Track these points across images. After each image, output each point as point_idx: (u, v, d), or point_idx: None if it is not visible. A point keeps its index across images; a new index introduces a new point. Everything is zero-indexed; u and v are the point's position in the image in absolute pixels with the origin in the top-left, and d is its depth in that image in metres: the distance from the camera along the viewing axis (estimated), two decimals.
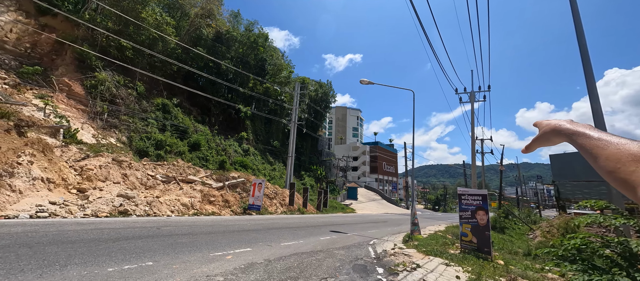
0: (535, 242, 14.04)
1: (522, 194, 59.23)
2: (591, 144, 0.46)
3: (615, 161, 0.41)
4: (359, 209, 34.43)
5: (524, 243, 14.01)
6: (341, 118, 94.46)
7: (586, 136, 0.48)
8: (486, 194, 9.25)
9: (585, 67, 7.17)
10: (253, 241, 7.08)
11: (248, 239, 7.26)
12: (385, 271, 5.36)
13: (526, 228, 21.41)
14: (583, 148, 0.47)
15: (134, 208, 10.28)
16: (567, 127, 0.52)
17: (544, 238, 14.11)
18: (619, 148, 0.42)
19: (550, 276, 6.85)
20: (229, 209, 14.84)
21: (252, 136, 33.43)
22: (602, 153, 0.43)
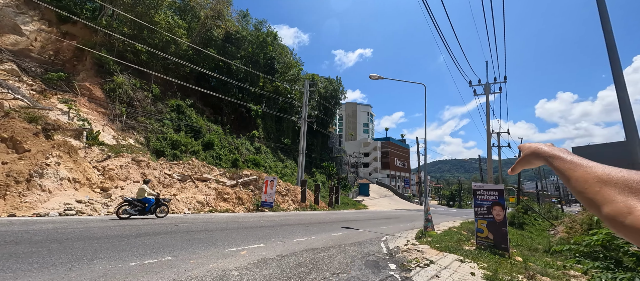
0: (556, 238, 13.49)
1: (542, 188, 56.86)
2: (564, 167, 0.51)
3: (583, 182, 0.45)
4: (371, 205, 34.27)
5: (545, 239, 13.50)
6: (351, 114, 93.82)
7: (560, 159, 0.53)
8: (502, 189, 8.96)
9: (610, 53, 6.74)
10: (266, 237, 7.23)
11: (261, 235, 7.42)
12: (397, 267, 5.34)
13: (547, 224, 20.60)
14: (558, 169, 0.53)
15: None
16: (545, 150, 0.57)
17: (567, 234, 13.52)
18: (586, 171, 0.47)
19: (572, 273, 6.58)
20: (242, 206, 15.18)
21: (263, 134, 33.87)
22: (573, 175, 0.48)
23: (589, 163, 0.48)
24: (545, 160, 0.57)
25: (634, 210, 0.36)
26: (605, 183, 0.42)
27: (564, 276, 6.01)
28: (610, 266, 3.17)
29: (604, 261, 3.26)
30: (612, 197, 0.40)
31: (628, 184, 0.40)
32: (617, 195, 0.39)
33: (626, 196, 0.38)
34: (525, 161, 0.64)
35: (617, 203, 0.39)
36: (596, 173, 0.45)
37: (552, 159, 0.54)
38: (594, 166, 0.47)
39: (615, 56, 6.77)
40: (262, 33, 35.16)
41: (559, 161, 0.52)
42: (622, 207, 0.38)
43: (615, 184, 0.41)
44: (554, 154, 0.55)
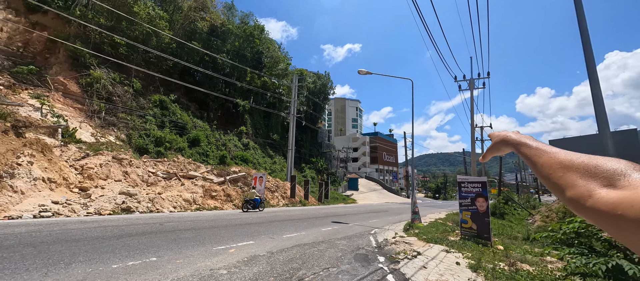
0: (534, 227, 14.21)
1: (522, 180, 59.66)
2: (530, 153, 0.53)
3: (548, 168, 0.48)
4: (360, 199, 34.75)
5: (524, 228, 14.18)
6: (340, 109, 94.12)
7: (527, 146, 0.55)
8: (485, 181, 9.30)
9: (585, 50, 7.07)
10: (255, 234, 7.16)
11: (250, 232, 7.34)
12: (386, 260, 5.44)
13: (525, 214, 21.64)
14: (525, 156, 0.55)
15: (137, 205, 10.35)
16: (513, 138, 0.60)
17: (543, 222, 14.26)
18: (550, 157, 0.49)
19: (549, 259, 6.96)
20: (231, 203, 14.96)
21: (252, 130, 33.38)
22: (538, 161, 0.50)
23: (553, 149, 0.50)
24: (513, 147, 0.59)
25: (593, 194, 0.38)
26: (568, 168, 0.44)
27: (541, 263, 6.34)
28: (584, 252, 3.36)
29: (578, 248, 3.45)
30: (574, 181, 0.42)
31: (588, 168, 0.41)
32: (579, 179, 0.41)
33: (586, 180, 0.40)
34: (494, 148, 0.65)
35: (579, 187, 0.40)
36: (559, 158, 0.47)
37: (519, 146, 0.56)
38: (557, 152, 0.48)
39: (590, 53, 7.11)
40: (249, 26, 34.35)
41: (526, 147, 0.54)
42: (583, 191, 0.39)
43: (576, 169, 0.43)
44: (521, 142, 0.57)
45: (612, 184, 0.37)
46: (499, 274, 4.64)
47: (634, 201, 0.32)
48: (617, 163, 0.40)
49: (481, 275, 4.74)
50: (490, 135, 0.68)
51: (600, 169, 0.40)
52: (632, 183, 0.35)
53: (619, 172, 0.38)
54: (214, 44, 30.71)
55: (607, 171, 0.39)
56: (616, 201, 0.34)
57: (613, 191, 0.36)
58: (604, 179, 0.38)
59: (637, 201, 0.31)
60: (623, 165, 0.39)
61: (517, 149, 0.58)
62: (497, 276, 4.56)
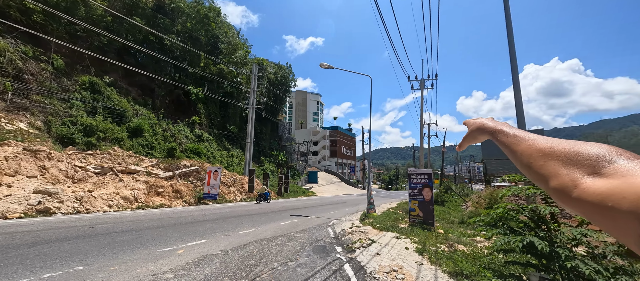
0: (467, 211, 16.36)
1: (459, 171, 68.22)
2: (508, 141, 0.51)
3: (528, 157, 0.45)
4: (320, 192, 35.45)
5: (459, 213, 16.20)
6: (301, 103, 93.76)
7: (504, 134, 0.53)
8: (431, 173, 10.31)
9: (511, 61, 8.27)
10: (208, 232, 6.70)
11: (203, 230, 6.83)
12: (343, 250, 5.63)
13: (461, 200, 24.78)
14: (502, 144, 0.53)
15: (59, 205, 8.76)
16: (489, 126, 0.58)
17: (475, 207, 16.51)
18: (529, 144, 0.46)
19: (479, 239, 8.10)
20: (180, 200, 13.74)
21: (206, 120, 31.00)
22: (517, 149, 0.48)
23: (530, 136, 0.48)
24: (489, 135, 0.58)
25: (579, 183, 0.35)
26: (548, 156, 0.41)
27: (473, 243, 7.33)
28: (506, 232, 3.94)
29: (501, 229, 4.04)
30: (556, 170, 0.39)
31: (569, 156, 0.39)
32: (561, 168, 0.39)
33: (569, 169, 0.38)
34: (470, 136, 0.64)
35: (562, 177, 0.38)
36: (538, 145, 0.44)
37: (496, 133, 0.55)
38: (536, 138, 0.46)
39: (515, 64, 8.31)
40: (203, 7, 31.46)
41: (503, 135, 0.53)
42: (567, 180, 0.37)
43: (557, 157, 0.40)
44: (497, 129, 0.55)
45: (597, 172, 0.34)
46: (440, 255, 5.21)
47: (626, 191, 0.29)
48: (599, 148, 0.37)
49: (426, 257, 5.25)
50: (465, 123, 0.67)
51: (583, 155, 0.37)
52: (620, 170, 0.33)
53: (602, 158, 0.35)
54: (161, 22, 27.39)
55: (590, 157, 0.36)
56: (605, 192, 0.31)
57: (599, 180, 0.33)
58: (588, 167, 0.36)
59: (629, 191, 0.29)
60: (605, 150, 0.36)
61: (493, 136, 0.56)
62: (439, 257, 5.12)
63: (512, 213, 4.25)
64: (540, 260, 3.80)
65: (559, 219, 3.87)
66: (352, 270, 4.36)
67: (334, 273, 4.19)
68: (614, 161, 0.34)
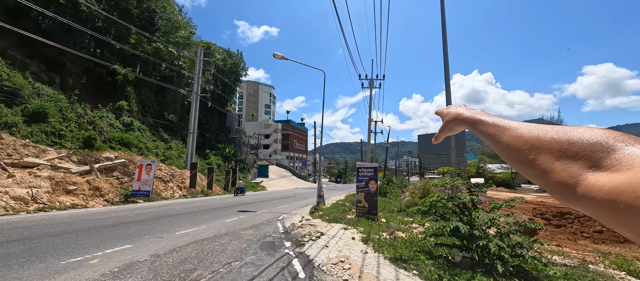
0: (405, 201, 18.18)
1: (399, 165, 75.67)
2: (488, 132, 0.47)
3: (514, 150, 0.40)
4: (270, 186, 34.70)
5: (398, 202, 17.90)
6: (253, 94, 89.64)
7: (483, 123, 0.49)
8: (377, 166, 11.04)
9: (445, 69, 9.37)
10: (136, 235, 5.77)
11: (128, 233, 5.86)
12: (292, 244, 5.55)
13: (400, 191, 27.44)
14: (483, 134, 0.48)
15: None
16: (466, 115, 0.54)
17: (411, 197, 18.45)
18: (512, 135, 0.42)
19: (415, 226, 9.06)
20: (100, 198, 11.62)
21: (138, 106, 26.85)
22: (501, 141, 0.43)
23: (511, 124, 0.44)
24: (468, 125, 0.53)
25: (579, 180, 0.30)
26: (537, 149, 0.37)
27: (410, 229, 8.14)
28: (437, 219, 4.43)
29: (433, 216, 4.52)
30: (550, 166, 0.34)
31: (561, 147, 0.34)
32: (555, 162, 0.34)
33: (565, 163, 0.33)
34: (446, 128, 0.59)
35: (558, 173, 0.33)
36: (523, 136, 0.39)
37: (475, 124, 0.50)
38: (518, 127, 0.42)
39: (448, 71, 9.43)
40: None
41: (482, 125, 0.48)
42: (565, 177, 0.32)
43: (547, 149, 0.35)
44: (475, 118, 0.51)
45: (598, 164, 0.30)
46: (382, 243, 5.60)
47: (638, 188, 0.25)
48: (592, 134, 0.32)
49: (370, 246, 5.58)
50: (439, 113, 0.61)
51: (577, 145, 0.32)
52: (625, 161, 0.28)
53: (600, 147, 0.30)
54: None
55: (585, 147, 0.31)
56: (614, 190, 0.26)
57: (603, 175, 0.28)
58: (586, 159, 0.31)
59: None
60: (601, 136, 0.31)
61: (472, 127, 0.51)
62: (381, 245, 5.49)
63: (443, 202, 4.81)
64: (462, 241, 4.41)
65: (477, 205, 4.54)
66: (300, 265, 4.30)
67: (281, 270, 4.07)
68: (616, 149, 0.29)
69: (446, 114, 0.59)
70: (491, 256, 3.81)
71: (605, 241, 11.93)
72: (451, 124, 0.57)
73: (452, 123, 0.57)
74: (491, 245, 3.47)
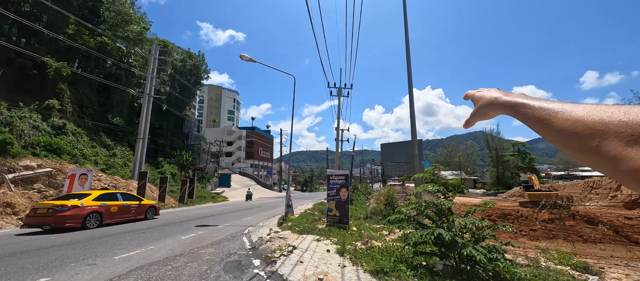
0: (370, 208, 18.46)
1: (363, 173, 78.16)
2: (537, 115, 0.42)
3: (572, 136, 0.36)
4: (232, 197, 32.57)
5: (364, 209, 18.08)
6: (215, 98, 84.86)
7: (528, 107, 0.44)
8: (348, 174, 10.92)
9: (409, 84, 9.77)
10: (57, 263, 4.53)
11: (46, 262, 4.58)
12: (262, 262, 4.92)
13: (365, 198, 27.97)
14: (529, 119, 0.43)
15: None
16: (505, 100, 0.49)
17: (376, 204, 18.82)
18: (567, 118, 0.38)
19: (385, 233, 9.04)
20: (13, 217, 9.33)
21: (73, 107, 23.03)
22: (554, 125, 0.39)
23: (563, 106, 0.39)
24: (508, 110, 0.48)
25: None
26: (603, 133, 0.33)
27: (381, 237, 8.05)
28: (416, 227, 4.30)
29: (412, 224, 4.39)
30: (624, 153, 0.31)
31: (634, 131, 0.31)
32: (628, 149, 0.31)
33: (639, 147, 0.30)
34: (480, 113, 0.54)
35: (635, 160, 0.30)
36: (582, 120, 0.36)
37: (518, 107, 0.45)
38: (572, 109, 0.38)
39: (411, 86, 9.81)
40: None
41: (527, 108, 0.44)
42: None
43: (616, 134, 0.32)
44: (518, 102, 0.46)
45: None
46: (359, 254, 5.31)
47: None
48: None
49: (347, 258, 5.23)
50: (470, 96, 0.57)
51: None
52: None
53: None
54: None
55: None
56: None
57: None
58: None
59: None
60: None
61: (514, 111, 0.46)
62: (359, 256, 5.19)
63: (421, 208, 4.73)
64: (440, 248, 4.35)
65: (453, 211, 4.56)
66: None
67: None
68: None
69: (479, 98, 0.54)
70: (472, 263, 3.77)
71: (539, 238, 13.46)
72: (486, 109, 0.52)
73: (487, 108, 0.52)
74: (475, 253, 3.42)
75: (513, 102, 0.47)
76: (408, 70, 9.75)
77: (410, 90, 9.61)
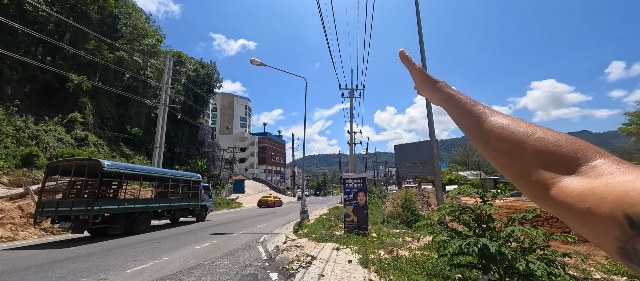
0: (387, 211, 17.72)
1: (377, 176, 76.72)
2: (468, 111, 0.45)
3: (498, 142, 0.39)
4: (247, 202, 32.64)
5: (380, 213, 17.38)
6: (228, 106, 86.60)
7: (459, 102, 0.47)
8: (365, 177, 10.40)
9: None
10: (68, 278, 4.36)
11: (58, 276, 4.43)
12: (279, 276, 4.54)
13: (380, 202, 27.15)
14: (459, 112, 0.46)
15: None
16: (442, 85, 0.52)
17: (393, 207, 18.06)
18: (497, 125, 0.40)
19: (408, 239, 8.45)
20: (36, 227, 9.50)
21: (95, 119, 23.97)
22: (483, 126, 0.41)
23: (492, 111, 0.42)
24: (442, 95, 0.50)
25: (555, 181, 0.32)
26: (523, 145, 0.36)
27: (405, 244, 7.49)
28: (453, 235, 3.78)
29: (447, 231, 3.87)
30: (531, 165, 0.34)
31: (547, 149, 0.34)
32: (537, 164, 0.34)
33: (546, 164, 0.33)
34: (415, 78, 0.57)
35: (540, 173, 0.33)
36: (509, 129, 0.37)
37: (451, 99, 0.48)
38: (502, 118, 0.40)
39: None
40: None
41: (459, 103, 0.46)
42: (545, 178, 0.33)
43: (532, 148, 0.35)
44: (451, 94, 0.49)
45: (574, 170, 0.31)
46: (386, 266, 4.83)
47: (604, 192, 0.27)
48: (575, 143, 0.33)
49: (372, 270, 4.77)
50: (403, 56, 0.57)
51: (563, 149, 0.33)
52: (598, 170, 0.30)
53: (580, 155, 0.32)
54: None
55: (569, 153, 0.32)
56: (583, 193, 0.28)
57: (576, 180, 0.30)
58: (566, 164, 0.32)
59: (607, 193, 0.26)
60: (582, 146, 0.33)
61: (447, 100, 0.48)
62: (385, 268, 4.71)
63: (456, 214, 4.21)
64: (481, 260, 3.80)
65: (494, 217, 4.00)
66: None
67: None
68: (592, 159, 0.32)
69: (412, 66, 0.56)
70: (523, 278, 3.22)
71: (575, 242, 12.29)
72: (420, 82, 0.55)
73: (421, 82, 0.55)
74: (535, 267, 2.88)
75: (448, 93, 0.48)
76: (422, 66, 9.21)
77: None
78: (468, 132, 0.43)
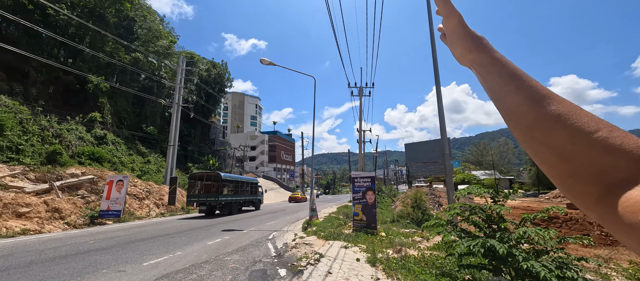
0: (397, 211, 17.55)
1: (387, 175, 75.89)
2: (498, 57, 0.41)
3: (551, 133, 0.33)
4: None
5: (390, 212, 17.21)
6: (238, 105, 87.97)
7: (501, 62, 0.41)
8: (374, 176, 10.35)
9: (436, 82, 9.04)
10: (89, 269, 4.63)
11: (80, 268, 4.70)
12: (288, 272, 4.63)
13: (390, 201, 26.89)
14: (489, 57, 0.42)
15: None
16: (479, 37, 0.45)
17: (403, 206, 17.85)
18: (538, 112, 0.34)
19: (417, 238, 8.36)
20: (59, 221, 10.07)
21: (113, 118, 25.00)
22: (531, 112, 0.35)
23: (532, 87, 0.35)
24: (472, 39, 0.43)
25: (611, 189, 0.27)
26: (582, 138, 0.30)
27: (414, 244, 7.42)
28: (461, 235, 3.73)
29: (456, 232, 3.83)
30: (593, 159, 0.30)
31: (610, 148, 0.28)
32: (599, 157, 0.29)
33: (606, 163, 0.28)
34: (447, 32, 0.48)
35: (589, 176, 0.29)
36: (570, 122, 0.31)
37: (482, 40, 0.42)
38: (545, 95, 0.34)
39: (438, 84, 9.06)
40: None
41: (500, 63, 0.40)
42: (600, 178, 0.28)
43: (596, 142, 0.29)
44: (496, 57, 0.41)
45: (636, 178, 0.26)
46: (394, 265, 4.82)
47: None
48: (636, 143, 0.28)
49: (380, 269, 4.78)
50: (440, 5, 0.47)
51: (624, 150, 0.28)
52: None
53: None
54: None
55: (630, 159, 0.27)
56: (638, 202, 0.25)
57: (637, 189, 0.26)
58: (626, 170, 0.27)
59: None
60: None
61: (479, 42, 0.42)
62: (392, 267, 4.71)
63: (466, 214, 4.14)
64: (490, 261, 3.73)
65: (505, 218, 3.91)
66: None
67: None
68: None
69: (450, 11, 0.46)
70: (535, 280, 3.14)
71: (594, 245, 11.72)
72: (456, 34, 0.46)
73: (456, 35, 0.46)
74: (540, 269, 2.81)
75: (497, 57, 0.41)
76: (434, 65, 9.05)
77: (437, 86, 8.90)
78: (506, 114, 0.36)
